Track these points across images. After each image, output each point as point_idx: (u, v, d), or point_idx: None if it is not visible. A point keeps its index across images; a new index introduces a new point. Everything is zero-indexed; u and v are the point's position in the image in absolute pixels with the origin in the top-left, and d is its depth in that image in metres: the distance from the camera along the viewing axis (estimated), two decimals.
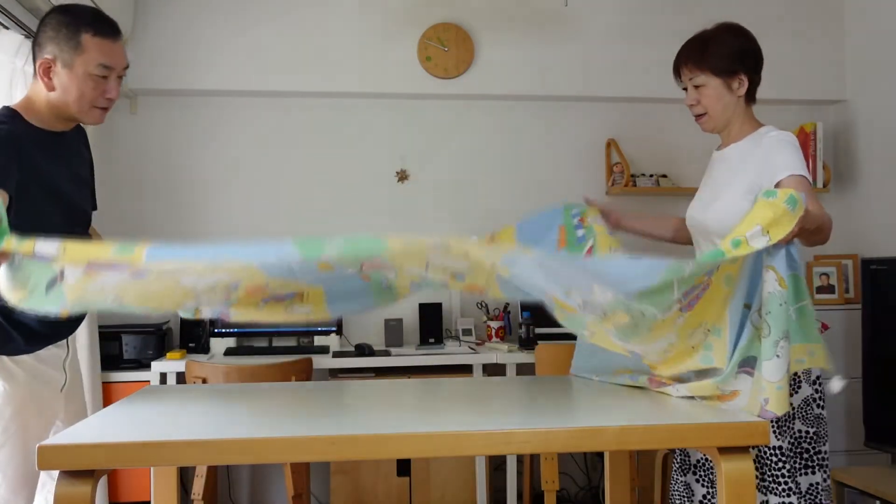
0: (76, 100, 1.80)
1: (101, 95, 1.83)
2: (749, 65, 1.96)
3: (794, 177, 1.82)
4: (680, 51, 2.02)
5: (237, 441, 1.40)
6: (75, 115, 1.85)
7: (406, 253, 1.49)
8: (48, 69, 1.79)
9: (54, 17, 1.81)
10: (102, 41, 1.80)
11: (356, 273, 1.50)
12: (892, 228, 3.45)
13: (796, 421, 1.89)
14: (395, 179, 3.61)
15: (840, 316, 3.39)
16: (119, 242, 1.42)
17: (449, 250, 1.48)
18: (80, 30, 1.78)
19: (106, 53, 1.80)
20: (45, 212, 1.81)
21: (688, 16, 3.57)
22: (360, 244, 1.47)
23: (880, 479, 2.70)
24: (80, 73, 1.78)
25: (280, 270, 1.45)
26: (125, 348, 3.02)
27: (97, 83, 1.81)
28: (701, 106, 1.99)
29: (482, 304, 3.53)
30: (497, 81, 3.56)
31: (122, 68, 1.86)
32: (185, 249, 1.43)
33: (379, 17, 3.52)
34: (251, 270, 1.45)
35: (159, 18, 3.38)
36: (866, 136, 3.64)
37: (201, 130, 3.51)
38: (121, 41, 1.86)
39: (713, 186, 2.04)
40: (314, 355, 2.98)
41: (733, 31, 1.99)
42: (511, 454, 3.05)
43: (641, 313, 1.54)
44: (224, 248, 1.45)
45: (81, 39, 1.77)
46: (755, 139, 1.95)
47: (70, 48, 1.77)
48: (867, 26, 3.63)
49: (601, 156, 3.70)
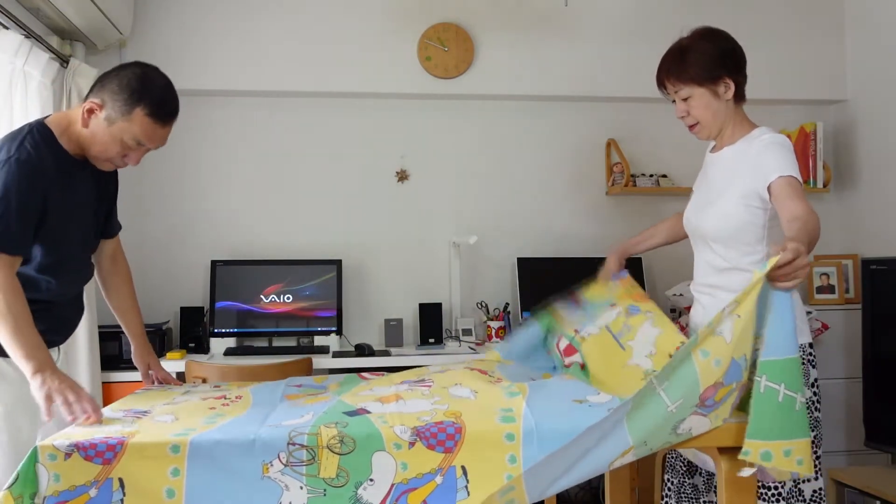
0: (99, 151, 1.85)
1: (120, 158, 1.88)
2: (731, 67, 1.92)
3: (784, 178, 1.77)
4: (660, 65, 1.99)
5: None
6: (90, 157, 1.89)
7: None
8: (91, 111, 1.82)
9: (131, 74, 1.84)
10: (152, 123, 1.83)
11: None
12: (892, 228, 3.45)
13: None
14: (395, 179, 3.61)
15: (840, 316, 3.39)
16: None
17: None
18: (139, 103, 1.81)
19: (148, 135, 1.84)
20: (64, 232, 1.86)
21: (688, 16, 3.57)
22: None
23: (880, 479, 2.70)
24: (115, 134, 1.82)
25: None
26: (125, 348, 3.00)
27: (124, 149, 1.85)
28: (692, 117, 1.97)
29: (482, 304, 3.53)
30: (497, 81, 3.56)
31: (155, 147, 1.90)
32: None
33: (379, 17, 3.51)
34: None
35: (159, 18, 3.38)
36: (866, 136, 3.63)
37: (201, 130, 3.51)
38: (170, 126, 1.89)
39: (708, 190, 2.02)
40: (314, 355, 2.98)
41: (709, 35, 1.95)
42: None
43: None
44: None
45: (134, 111, 1.81)
46: (749, 141, 1.92)
47: (121, 110, 1.81)
48: (867, 26, 3.62)
49: (601, 156, 3.70)
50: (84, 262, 2.02)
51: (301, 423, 1.49)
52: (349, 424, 1.47)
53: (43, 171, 1.77)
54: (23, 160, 1.73)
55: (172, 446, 1.39)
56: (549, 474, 1.39)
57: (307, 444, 1.41)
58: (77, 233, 1.92)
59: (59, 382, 1.62)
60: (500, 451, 1.43)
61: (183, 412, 1.64)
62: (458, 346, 3.32)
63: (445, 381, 1.80)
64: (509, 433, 1.45)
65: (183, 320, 3.27)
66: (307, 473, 1.40)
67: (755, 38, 3.65)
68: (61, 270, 1.87)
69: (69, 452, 1.37)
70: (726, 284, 1.90)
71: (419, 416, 1.51)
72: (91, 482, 1.36)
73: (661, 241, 2.29)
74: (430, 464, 1.42)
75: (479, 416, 1.53)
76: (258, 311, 3.28)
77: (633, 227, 3.68)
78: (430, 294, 3.55)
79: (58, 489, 1.35)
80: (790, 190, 1.74)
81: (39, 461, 1.36)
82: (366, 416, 1.54)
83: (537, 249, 3.62)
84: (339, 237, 3.55)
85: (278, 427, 1.48)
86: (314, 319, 3.32)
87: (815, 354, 1.93)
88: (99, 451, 1.37)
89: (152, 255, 3.41)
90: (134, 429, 1.49)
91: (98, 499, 1.36)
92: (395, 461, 1.41)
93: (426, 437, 1.43)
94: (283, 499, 1.39)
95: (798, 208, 1.69)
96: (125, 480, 1.37)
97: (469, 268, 3.61)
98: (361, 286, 3.56)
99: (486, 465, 1.43)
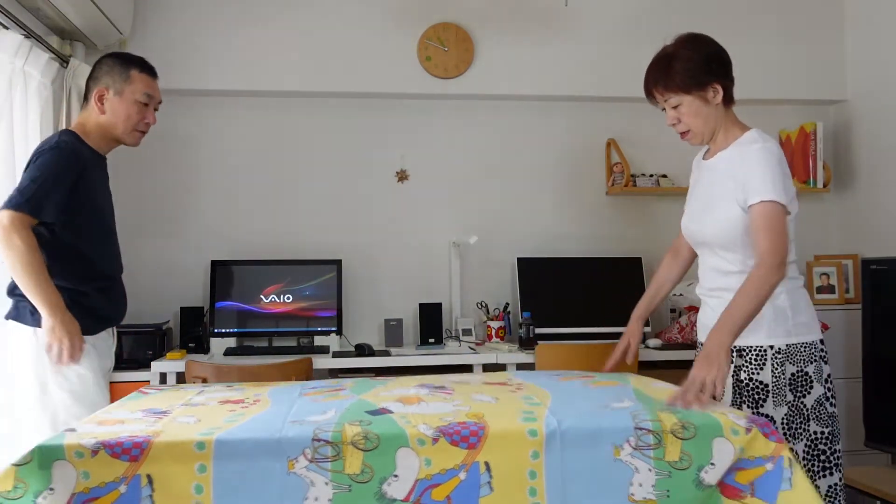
0: (124, 121, 2.30)
1: (141, 120, 2.33)
2: (718, 71, 1.93)
3: (764, 204, 1.82)
4: (647, 75, 2.00)
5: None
6: (120, 136, 2.33)
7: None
8: (101, 97, 2.28)
9: (109, 58, 2.34)
10: (146, 76, 2.35)
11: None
12: (892, 228, 3.45)
13: (811, 423, 1.87)
14: (395, 179, 3.61)
15: (840, 316, 3.39)
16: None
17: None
18: (129, 66, 2.32)
19: (149, 85, 2.35)
20: (104, 214, 2.35)
21: (688, 16, 3.57)
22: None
23: (880, 479, 2.70)
24: (128, 99, 2.29)
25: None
26: (125, 348, 3.01)
27: (140, 109, 2.31)
28: (683, 124, 1.98)
29: (482, 304, 3.53)
30: (497, 81, 3.56)
31: (157, 101, 2.39)
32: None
33: (379, 17, 3.51)
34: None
35: (159, 18, 3.38)
36: (866, 136, 3.63)
37: (200, 130, 3.51)
38: (157, 80, 2.40)
39: (706, 197, 2.02)
40: (314, 355, 2.98)
41: (693, 42, 1.95)
42: None
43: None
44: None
45: (130, 73, 2.31)
46: (741, 146, 1.93)
47: (121, 80, 2.29)
48: (867, 26, 3.62)
49: (601, 156, 3.70)
50: (118, 247, 2.46)
51: (325, 421, 1.51)
52: (373, 423, 1.49)
53: (78, 155, 2.20)
54: (60, 147, 2.17)
55: (198, 443, 1.41)
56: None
57: (332, 441, 1.43)
58: (109, 217, 2.40)
59: (63, 327, 2.08)
60: (523, 446, 1.45)
61: (204, 414, 1.66)
62: (458, 346, 3.32)
63: (466, 389, 1.82)
64: (532, 430, 1.46)
65: (183, 320, 3.27)
66: (332, 469, 1.42)
67: (755, 38, 3.66)
68: (110, 248, 2.37)
69: (96, 450, 1.39)
70: (736, 286, 1.87)
71: (441, 417, 1.53)
72: (120, 478, 1.38)
73: (670, 288, 2.29)
74: (454, 460, 1.43)
75: (502, 415, 1.55)
76: (258, 311, 3.28)
77: (632, 227, 3.69)
78: (430, 294, 3.55)
79: (88, 486, 1.38)
80: (763, 221, 1.80)
81: (66, 459, 1.38)
82: (388, 416, 1.55)
83: (537, 249, 3.62)
84: (339, 237, 3.54)
85: (302, 423, 1.50)
86: (314, 319, 3.31)
87: (826, 350, 1.94)
88: (125, 448, 1.39)
89: (152, 255, 3.41)
90: (157, 428, 1.51)
91: (128, 495, 1.38)
92: (419, 457, 1.43)
93: (449, 433, 1.45)
94: (308, 494, 1.41)
95: (763, 245, 1.78)
96: (153, 477, 1.39)
97: (469, 268, 3.61)
98: (361, 286, 3.56)
99: (510, 460, 1.44)
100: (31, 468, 1.35)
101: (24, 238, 2.04)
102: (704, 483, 1.45)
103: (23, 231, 2.04)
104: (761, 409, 1.85)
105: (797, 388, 1.86)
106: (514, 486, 1.43)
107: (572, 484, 1.44)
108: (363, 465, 1.42)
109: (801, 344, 1.88)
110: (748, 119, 2.03)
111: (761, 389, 1.86)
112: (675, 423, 1.47)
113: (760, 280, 1.76)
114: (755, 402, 1.86)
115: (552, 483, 1.44)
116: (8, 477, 1.34)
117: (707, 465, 1.46)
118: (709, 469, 1.46)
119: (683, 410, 1.54)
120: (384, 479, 1.42)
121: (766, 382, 1.86)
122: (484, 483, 1.43)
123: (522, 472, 1.44)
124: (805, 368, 1.87)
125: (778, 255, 1.77)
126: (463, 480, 1.43)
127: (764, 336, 1.87)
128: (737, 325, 1.75)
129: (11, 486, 1.34)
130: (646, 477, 1.45)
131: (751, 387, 1.88)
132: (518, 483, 1.44)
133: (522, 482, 1.44)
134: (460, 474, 1.43)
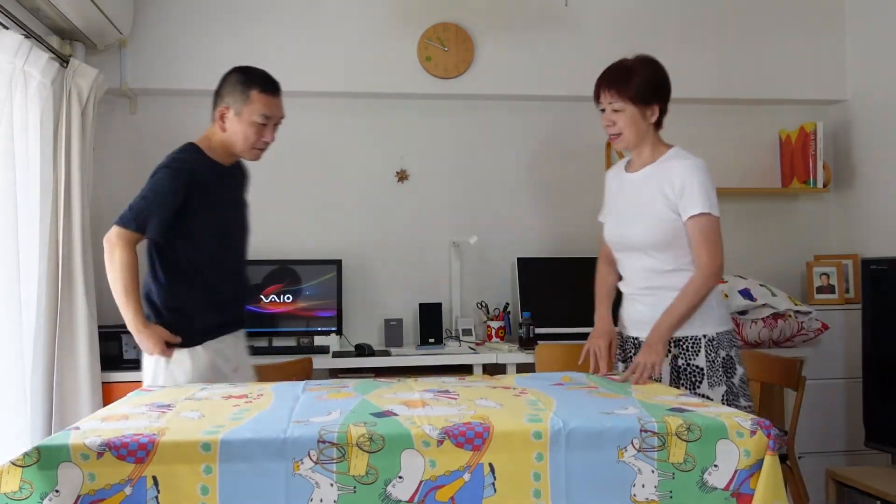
0: (241, 140, 2.29)
1: (259, 139, 2.30)
2: (662, 97, 2.18)
3: (700, 217, 2.06)
4: (603, 76, 2.23)
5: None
6: (238, 153, 2.34)
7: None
8: (223, 115, 2.29)
9: (234, 75, 2.31)
10: (266, 97, 2.28)
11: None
12: (892, 228, 3.45)
13: (740, 399, 2.11)
14: (395, 179, 3.61)
15: (840, 316, 3.39)
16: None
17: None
18: (251, 86, 2.26)
19: (268, 106, 2.28)
20: (221, 225, 2.34)
21: (688, 16, 3.56)
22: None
23: (880, 479, 2.70)
24: (246, 120, 2.27)
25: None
26: (125, 348, 3.02)
27: (258, 129, 2.28)
28: (617, 127, 2.18)
29: (482, 304, 3.53)
30: (497, 81, 3.56)
31: (278, 118, 2.34)
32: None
33: (379, 17, 3.51)
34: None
35: (159, 18, 3.38)
36: (866, 136, 3.63)
37: (200, 130, 3.49)
38: (280, 97, 2.33)
39: (631, 205, 2.20)
40: (314, 355, 2.97)
41: (651, 64, 2.20)
42: None
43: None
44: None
45: (251, 94, 2.26)
46: (667, 161, 2.16)
47: (241, 100, 2.26)
48: (867, 26, 3.62)
49: (601, 156, 3.70)
50: (241, 254, 2.49)
51: (330, 421, 1.52)
52: (378, 424, 1.50)
53: (192, 172, 2.23)
54: (172, 167, 2.22)
55: (203, 444, 1.41)
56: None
57: (337, 442, 1.43)
58: (232, 225, 2.41)
59: (146, 339, 2.18)
60: (527, 448, 1.46)
61: (208, 409, 1.67)
62: (458, 346, 3.32)
63: (470, 394, 1.82)
64: (537, 431, 1.47)
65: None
66: (337, 471, 1.42)
67: (755, 37, 3.66)
68: (225, 259, 2.35)
69: (101, 452, 1.39)
70: (671, 284, 2.10)
71: (447, 419, 1.53)
72: (125, 480, 1.38)
73: (612, 292, 2.40)
74: (459, 461, 1.44)
75: (507, 417, 1.56)
76: (258, 311, 3.28)
77: None
78: (430, 294, 3.55)
79: (94, 488, 1.38)
80: (701, 235, 2.07)
81: (72, 460, 1.38)
82: (393, 418, 1.56)
83: (537, 249, 3.62)
84: (339, 237, 3.54)
85: (307, 424, 1.50)
86: (314, 319, 3.32)
87: (737, 338, 2.24)
88: (131, 449, 1.39)
89: None
90: (161, 425, 1.51)
91: (133, 496, 1.38)
92: (424, 458, 1.43)
93: (454, 435, 1.45)
94: (314, 495, 1.41)
95: (703, 257, 2.06)
96: (159, 478, 1.39)
97: (469, 268, 3.61)
98: (361, 286, 3.56)
99: (514, 462, 1.45)
100: (37, 469, 1.35)
101: (123, 254, 2.15)
102: (708, 485, 1.46)
103: (125, 248, 2.15)
104: (698, 389, 2.09)
105: (728, 370, 2.11)
106: (518, 488, 1.44)
107: (576, 486, 1.45)
108: (368, 467, 1.42)
109: (725, 332, 2.14)
110: (748, 119, 2.05)
111: (697, 373, 2.10)
112: (679, 426, 1.48)
113: (700, 286, 2.06)
114: (692, 384, 2.10)
115: (556, 485, 1.45)
116: (13, 477, 1.34)
117: (710, 466, 1.47)
118: (712, 471, 1.47)
119: (689, 413, 1.57)
120: (389, 481, 1.42)
121: (702, 366, 2.10)
122: (488, 484, 1.44)
123: (526, 474, 1.44)
124: (729, 352, 2.13)
125: (716, 265, 2.07)
126: (467, 482, 1.44)
127: (698, 326, 2.11)
128: (675, 323, 2.06)
129: (17, 487, 1.34)
130: (648, 478, 1.46)
131: (688, 371, 2.11)
132: (522, 485, 1.44)
133: (526, 484, 1.44)
134: (465, 476, 1.44)
